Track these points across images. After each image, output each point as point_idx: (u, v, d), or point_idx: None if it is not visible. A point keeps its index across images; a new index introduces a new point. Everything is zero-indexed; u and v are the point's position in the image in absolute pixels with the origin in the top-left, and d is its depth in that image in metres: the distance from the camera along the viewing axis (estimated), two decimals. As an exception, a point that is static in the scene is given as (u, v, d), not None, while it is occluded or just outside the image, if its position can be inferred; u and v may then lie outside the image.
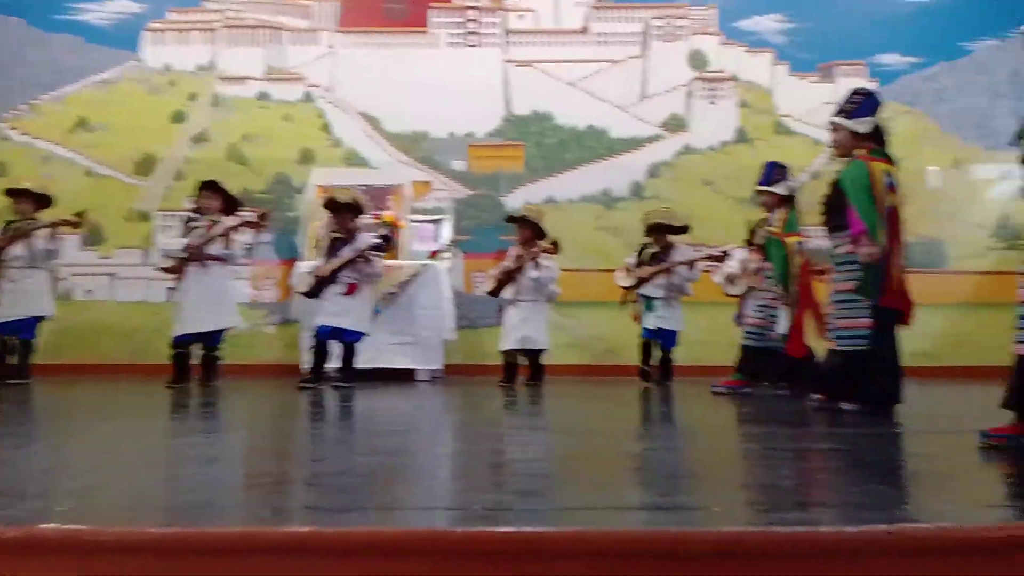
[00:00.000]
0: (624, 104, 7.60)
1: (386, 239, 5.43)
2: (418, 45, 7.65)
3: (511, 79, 7.62)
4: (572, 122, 7.56)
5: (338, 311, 5.20)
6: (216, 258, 5.31)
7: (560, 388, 5.50)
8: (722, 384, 5.02)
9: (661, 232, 5.87)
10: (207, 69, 7.58)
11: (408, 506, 1.58)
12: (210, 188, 5.43)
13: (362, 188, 5.99)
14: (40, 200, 5.75)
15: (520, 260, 5.70)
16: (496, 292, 5.86)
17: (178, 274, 5.29)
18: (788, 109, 7.59)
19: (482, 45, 7.65)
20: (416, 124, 7.48)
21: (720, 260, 5.99)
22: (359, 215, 5.42)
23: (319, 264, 5.36)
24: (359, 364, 5.35)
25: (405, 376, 6.02)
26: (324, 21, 7.70)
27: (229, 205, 5.47)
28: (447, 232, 6.94)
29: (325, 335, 5.22)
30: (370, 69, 7.55)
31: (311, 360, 5.30)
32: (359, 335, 5.29)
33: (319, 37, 7.67)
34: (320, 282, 5.24)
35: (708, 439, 2.88)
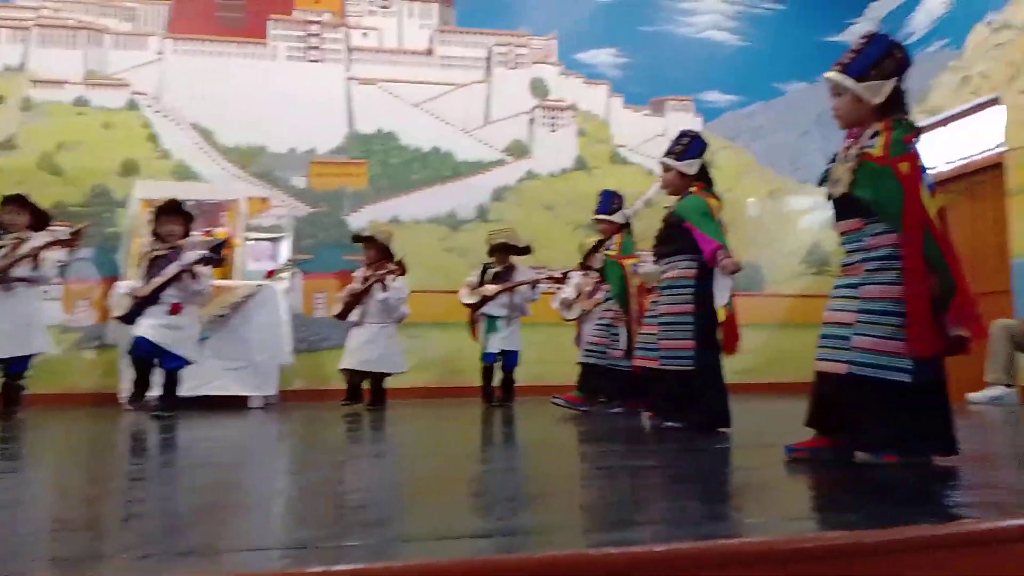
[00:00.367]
0: (469, 128, 7.67)
1: (217, 250, 5.04)
2: (255, 56, 7.36)
3: (355, 96, 7.49)
4: (418, 143, 7.54)
5: (160, 327, 4.72)
6: (23, 279, 4.82)
7: (404, 411, 5.41)
8: (563, 397, 5.13)
9: (504, 252, 5.94)
10: (16, 70, 6.93)
11: (237, 547, 1.46)
12: (15, 202, 4.95)
13: (192, 203, 5.65)
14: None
15: (367, 281, 5.55)
16: (344, 315, 5.67)
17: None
18: (623, 139, 7.95)
19: (324, 60, 7.48)
20: (253, 138, 7.19)
21: (561, 281, 6.15)
22: (189, 223, 4.99)
23: (137, 285, 4.86)
24: (184, 392, 4.99)
25: (237, 403, 5.71)
26: (152, 25, 7.25)
27: (38, 220, 5.00)
28: (285, 251, 6.68)
29: (144, 351, 4.72)
30: (202, 78, 7.18)
31: (130, 385, 4.86)
32: (183, 362, 4.85)
33: (146, 42, 7.21)
34: (139, 304, 4.75)
35: (547, 459, 2.91)
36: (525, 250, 6.02)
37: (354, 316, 5.63)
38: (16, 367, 4.90)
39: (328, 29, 7.53)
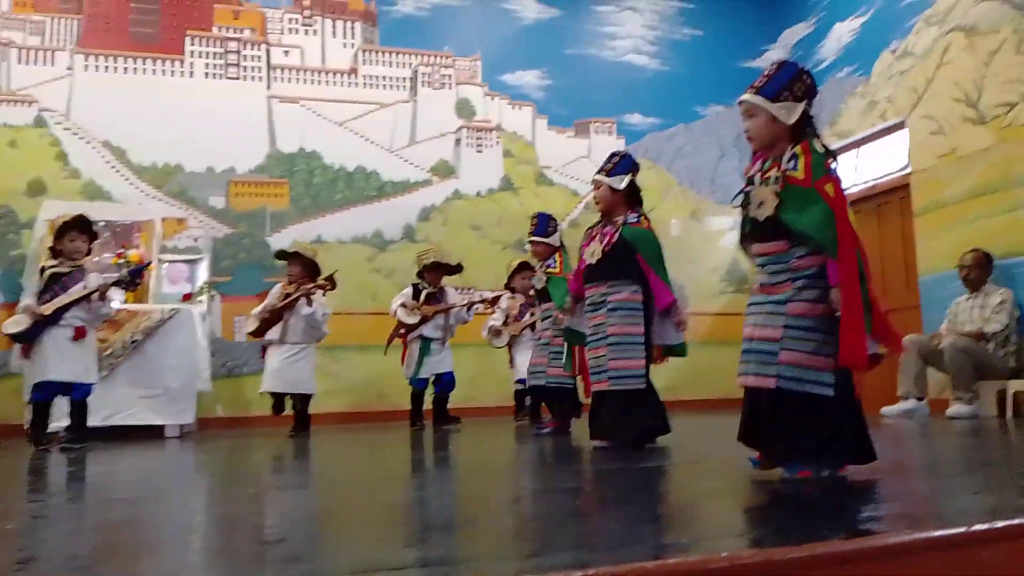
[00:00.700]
0: (394, 147, 7.62)
1: (136, 275, 4.84)
2: (171, 73, 7.16)
3: (276, 115, 7.36)
4: (342, 162, 7.45)
5: (66, 361, 4.49)
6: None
7: (328, 436, 5.29)
8: (546, 426, 5.04)
9: (437, 272, 5.90)
10: (-91, 83, 6.56)
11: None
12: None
13: (103, 224, 5.42)
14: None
15: (290, 297, 5.41)
16: (260, 333, 5.50)
17: None
18: (548, 160, 8.04)
19: (244, 78, 7.33)
20: (168, 156, 6.97)
21: (494, 303, 6.16)
22: (93, 241, 4.75)
23: (30, 303, 4.53)
24: (96, 422, 4.76)
25: (152, 433, 5.48)
26: (61, 40, 6.98)
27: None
28: (203, 273, 6.46)
29: (52, 394, 4.51)
30: (115, 95, 6.93)
31: (32, 422, 4.59)
32: (89, 387, 4.63)
33: (55, 57, 6.92)
34: (39, 323, 4.45)
35: (475, 484, 2.88)
36: (457, 268, 6.00)
37: (273, 334, 5.47)
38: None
39: (248, 46, 7.39)
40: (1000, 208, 5.91)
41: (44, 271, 4.66)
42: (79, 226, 4.66)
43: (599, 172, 3.85)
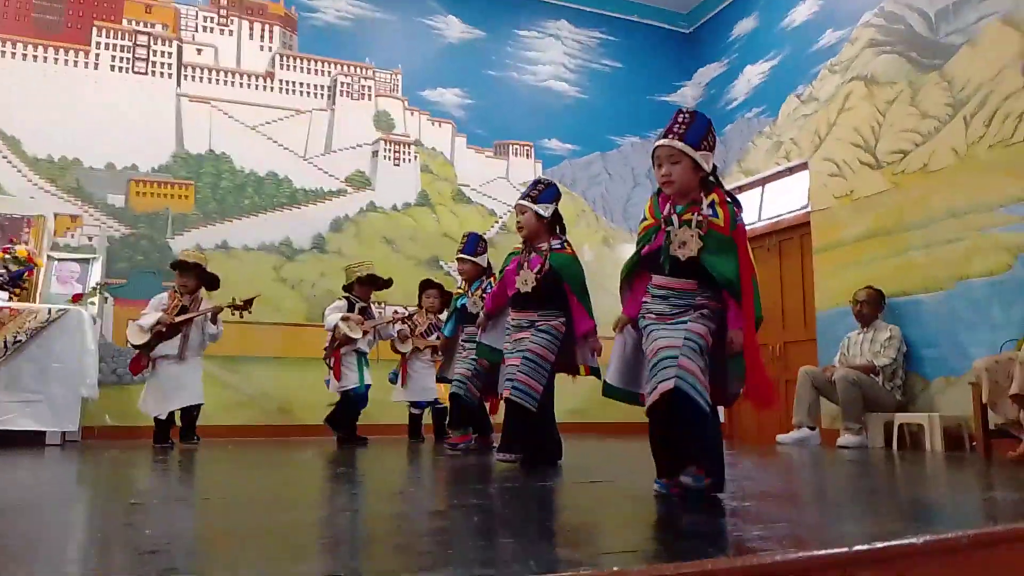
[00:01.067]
0: (309, 155, 7.47)
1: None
2: (75, 64, 6.82)
3: (185, 114, 7.10)
4: (252, 167, 7.24)
5: None
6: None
7: (224, 451, 5.07)
8: (451, 441, 4.97)
9: (369, 286, 5.85)
10: None
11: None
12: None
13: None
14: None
15: (188, 313, 5.30)
16: (151, 347, 5.27)
17: None
18: (466, 179, 8.03)
19: (152, 74, 7.05)
20: (66, 150, 6.63)
21: (409, 320, 6.09)
22: None
23: None
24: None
25: (31, 440, 5.14)
26: (-47, 20, 6.56)
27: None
28: (96, 274, 6.13)
29: None
30: (10, 82, 6.55)
31: None
32: None
33: (-55, 37, 6.50)
34: None
35: (374, 501, 2.80)
36: (388, 283, 5.96)
37: (169, 348, 5.28)
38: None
39: (159, 41, 7.12)
40: (892, 250, 6.23)
41: None
42: None
43: (525, 198, 3.88)
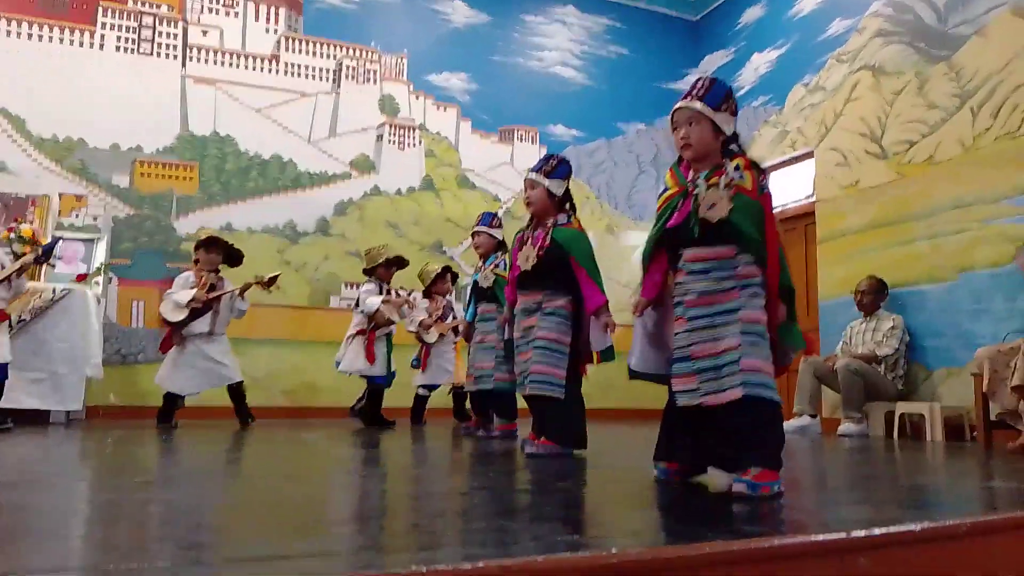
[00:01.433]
0: (313, 138, 7.46)
1: (47, 251, 4.67)
2: (81, 44, 6.81)
3: (190, 95, 7.09)
4: (257, 149, 7.24)
5: None
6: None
7: (230, 430, 5.10)
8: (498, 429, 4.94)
9: (392, 268, 5.94)
10: None
11: (31, 570, 1.28)
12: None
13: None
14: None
15: (216, 289, 5.35)
16: (186, 324, 5.27)
17: None
18: (470, 164, 8.02)
19: (158, 55, 7.04)
20: (71, 130, 6.63)
21: (411, 305, 6.09)
22: None
23: None
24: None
25: (36, 419, 5.18)
26: (-42, -2, 6.54)
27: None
28: (100, 253, 6.15)
29: None
30: (15, 61, 6.55)
31: None
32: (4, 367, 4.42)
33: (-50, 15, 6.49)
34: None
35: (393, 481, 2.82)
36: (407, 263, 6.09)
37: (202, 326, 5.30)
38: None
39: (164, 22, 7.10)
40: (896, 240, 6.23)
41: None
42: None
43: (536, 172, 3.70)
